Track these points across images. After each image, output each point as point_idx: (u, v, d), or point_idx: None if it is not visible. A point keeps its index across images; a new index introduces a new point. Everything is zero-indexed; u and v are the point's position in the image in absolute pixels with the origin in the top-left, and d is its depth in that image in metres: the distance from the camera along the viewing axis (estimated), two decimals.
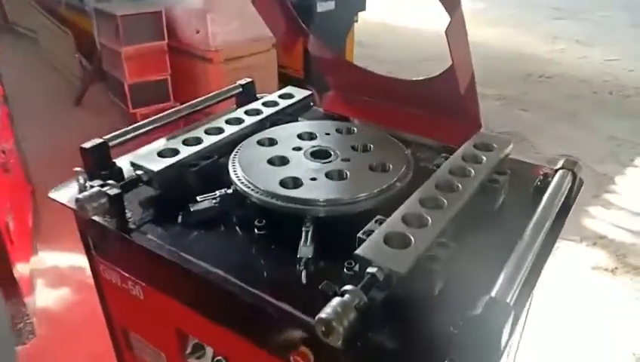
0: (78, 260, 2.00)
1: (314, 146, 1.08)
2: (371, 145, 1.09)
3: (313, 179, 0.96)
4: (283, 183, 0.95)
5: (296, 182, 0.96)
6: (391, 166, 1.01)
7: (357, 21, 3.79)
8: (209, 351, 0.98)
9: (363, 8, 3.74)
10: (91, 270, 1.11)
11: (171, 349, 1.03)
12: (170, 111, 1.24)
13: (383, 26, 5.30)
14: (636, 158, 3.09)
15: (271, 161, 1.03)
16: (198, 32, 3.18)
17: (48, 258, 2.18)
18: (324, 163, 1.02)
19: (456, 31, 0.95)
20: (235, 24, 3.11)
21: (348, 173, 0.99)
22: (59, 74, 4.41)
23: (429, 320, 0.73)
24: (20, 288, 1.70)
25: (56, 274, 2.09)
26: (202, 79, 3.29)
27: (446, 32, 0.93)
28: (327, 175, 0.98)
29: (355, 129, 1.16)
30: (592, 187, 2.81)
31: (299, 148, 1.07)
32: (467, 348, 0.66)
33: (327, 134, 1.13)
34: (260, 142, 1.11)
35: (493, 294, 0.69)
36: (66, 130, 3.37)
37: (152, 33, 3.18)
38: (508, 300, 0.69)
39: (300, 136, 1.12)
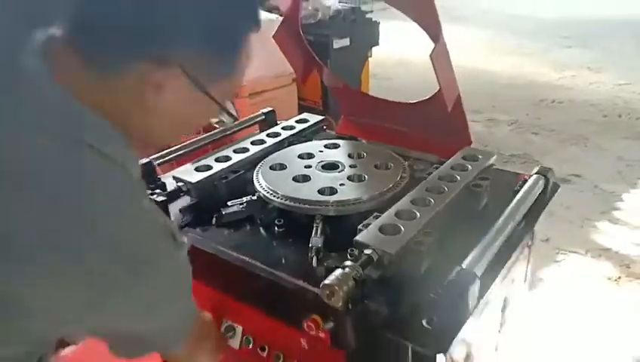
0: None
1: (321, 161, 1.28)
2: (377, 160, 1.28)
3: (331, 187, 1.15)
4: (297, 187, 1.15)
5: (309, 188, 1.16)
6: (390, 172, 1.20)
7: (371, 56, 4.05)
8: (238, 331, 1.16)
9: (376, 43, 4.00)
10: None
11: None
12: (205, 135, 1.47)
13: (395, 60, 5.57)
14: None
15: (289, 173, 1.23)
16: None
17: None
18: (337, 172, 1.21)
19: (440, 56, 1.14)
20: (257, 62, 3.36)
21: (355, 180, 1.18)
22: None
23: (415, 291, 0.91)
24: None
25: None
26: None
27: (431, 56, 1.11)
28: (342, 183, 1.16)
29: (365, 152, 1.34)
30: (599, 204, 2.92)
31: (309, 166, 1.26)
32: (442, 308, 0.83)
33: (336, 148, 1.34)
34: (279, 158, 1.31)
35: (464, 266, 0.86)
36: None
37: None
38: (475, 270, 0.86)
39: (310, 155, 1.31)
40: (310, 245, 1.02)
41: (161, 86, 0.62)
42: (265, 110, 1.61)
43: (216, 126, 0.84)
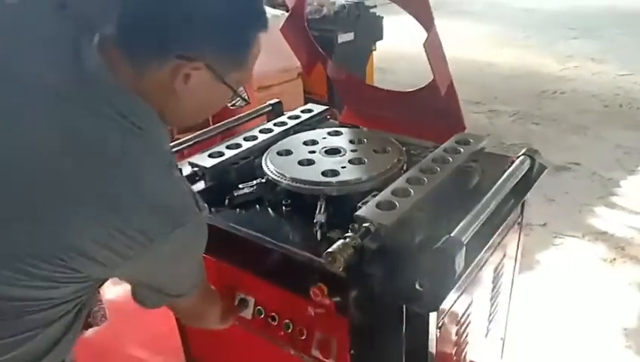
0: None
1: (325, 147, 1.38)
2: (376, 145, 1.38)
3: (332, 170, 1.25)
4: (302, 170, 1.25)
5: (314, 171, 1.26)
6: (388, 156, 1.30)
7: (375, 50, 4.13)
8: (251, 303, 1.26)
9: (380, 38, 4.09)
10: None
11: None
12: (215, 125, 1.57)
13: (400, 53, 5.64)
14: None
15: (294, 158, 1.33)
16: None
17: None
18: (339, 157, 1.31)
19: (433, 44, 1.23)
20: (265, 57, 3.47)
21: (355, 163, 1.28)
22: None
23: (408, 258, 1.01)
24: None
25: None
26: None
27: (424, 45, 1.20)
28: (343, 166, 1.26)
29: (365, 138, 1.44)
30: (597, 190, 3.00)
31: (313, 152, 1.36)
32: (433, 272, 0.94)
33: (338, 135, 1.44)
34: (285, 145, 1.42)
35: (451, 235, 0.96)
36: None
37: None
38: (462, 239, 0.96)
39: (314, 142, 1.42)
40: (315, 221, 1.13)
41: (188, 76, 0.76)
42: (272, 101, 1.71)
43: (232, 108, 0.99)
